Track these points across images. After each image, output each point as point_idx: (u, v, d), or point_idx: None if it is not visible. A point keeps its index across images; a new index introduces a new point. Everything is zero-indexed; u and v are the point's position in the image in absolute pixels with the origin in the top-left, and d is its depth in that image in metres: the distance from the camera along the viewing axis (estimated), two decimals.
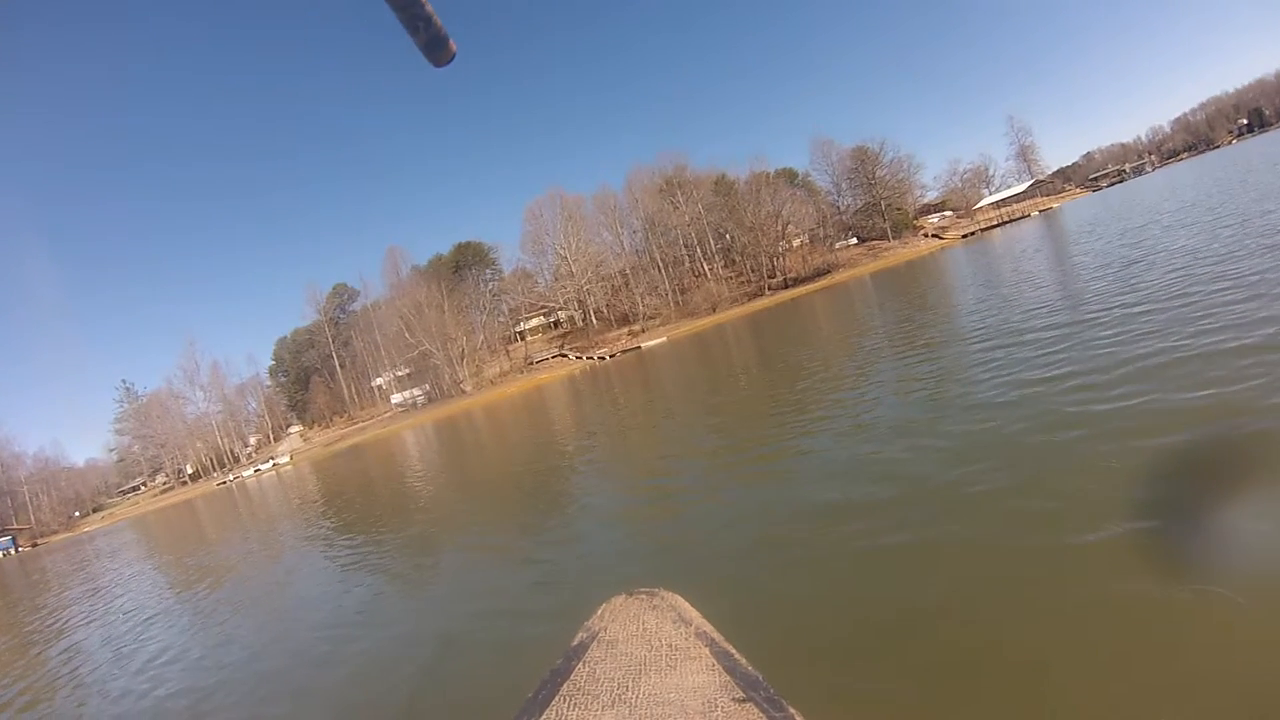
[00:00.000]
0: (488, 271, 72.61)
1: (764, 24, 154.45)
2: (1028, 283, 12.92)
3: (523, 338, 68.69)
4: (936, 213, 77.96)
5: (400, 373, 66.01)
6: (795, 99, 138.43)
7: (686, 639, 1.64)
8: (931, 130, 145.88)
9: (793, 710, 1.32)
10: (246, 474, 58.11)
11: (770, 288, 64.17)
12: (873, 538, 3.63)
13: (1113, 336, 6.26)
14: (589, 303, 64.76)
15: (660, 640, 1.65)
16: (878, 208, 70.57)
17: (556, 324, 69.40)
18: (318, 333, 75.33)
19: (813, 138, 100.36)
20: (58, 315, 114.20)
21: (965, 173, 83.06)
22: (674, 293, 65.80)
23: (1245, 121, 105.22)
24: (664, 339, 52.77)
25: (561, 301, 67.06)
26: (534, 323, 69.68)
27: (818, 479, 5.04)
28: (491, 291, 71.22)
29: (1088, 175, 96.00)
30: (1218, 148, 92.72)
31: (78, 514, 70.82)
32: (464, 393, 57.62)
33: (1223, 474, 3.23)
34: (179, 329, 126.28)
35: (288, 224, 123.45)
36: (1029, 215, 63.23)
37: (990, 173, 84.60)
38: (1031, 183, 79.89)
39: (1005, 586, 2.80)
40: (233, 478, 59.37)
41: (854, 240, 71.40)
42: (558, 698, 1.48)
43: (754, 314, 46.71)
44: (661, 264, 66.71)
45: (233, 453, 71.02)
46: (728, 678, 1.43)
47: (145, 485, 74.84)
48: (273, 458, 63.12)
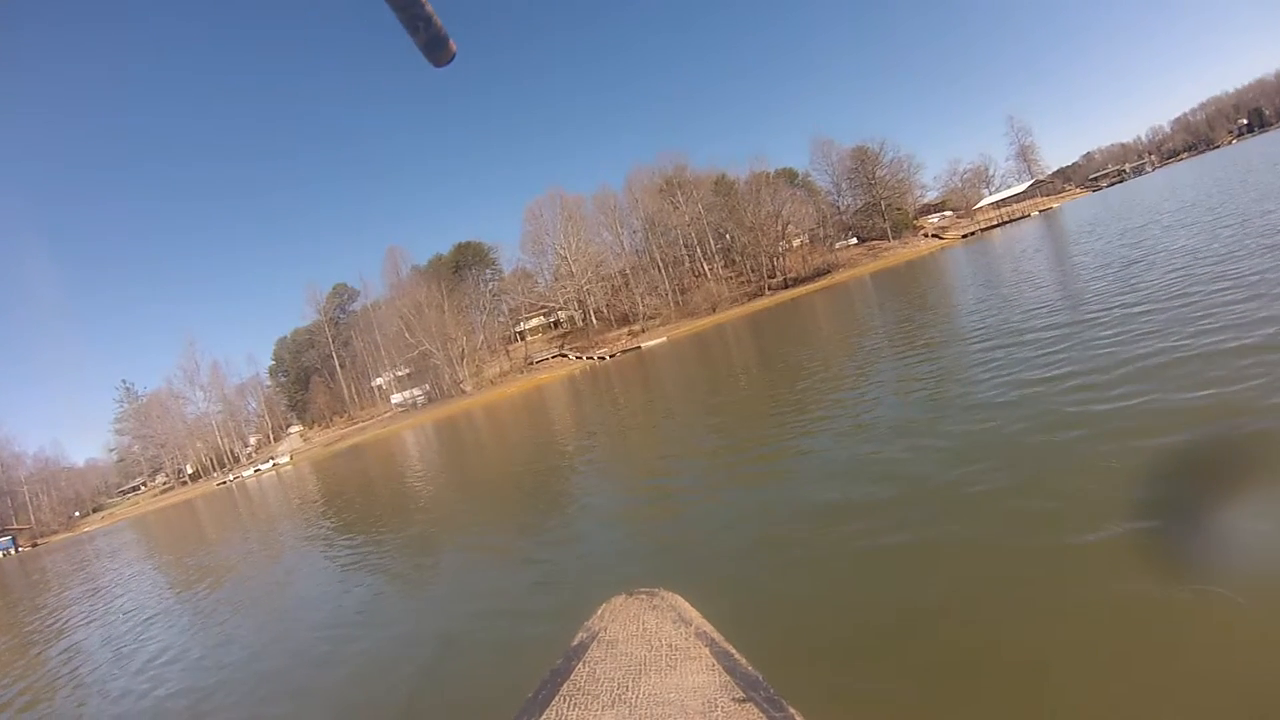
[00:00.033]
0: (488, 271, 72.65)
1: (764, 24, 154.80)
2: (1028, 283, 12.92)
3: (523, 338, 68.70)
4: (936, 213, 77.97)
5: (400, 373, 66.01)
6: (795, 99, 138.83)
7: (686, 639, 1.64)
8: (931, 130, 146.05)
9: (793, 710, 1.32)
10: (246, 474, 58.10)
11: (770, 288, 64.16)
12: (873, 538, 3.62)
13: (1113, 336, 6.26)
14: (589, 303, 64.76)
15: (660, 640, 1.65)
16: (878, 208, 70.57)
17: (556, 324, 69.41)
18: (318, 333, 75.34)
19: (813, 138, 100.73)
20: (58, 315, 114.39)
21: (965, 173, 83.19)
22: (674, 293, 65.80)
23: (1245, 121, 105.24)
24: (664, 339, 52.76)
25: (561, 301, 67.06)
26: (534, 323, 69.69)
27: (818, 479, 5.04)
28: (491, 291, 71.23)
29: (1088, 175, 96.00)
30: (1218, 148, 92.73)
31: (78, 514, 70.82)
32: (464, 393, 57.62)
33: (1223, 474, 3.23)
34: (179, 329, 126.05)
35: (288, 224, 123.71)
36: (1029, 215, 63.24)
37: (990, 173, 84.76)
38: (1031, 183, 79.88)
39: (1005, 586, 2.80)
40: (233, 478, 59.36)
41: (854, 240, 71.40)
42: (558, 698, 1.48)
43: (754, 314, 46.70)
44: (661, 264, 66.71)
45: (233, 453, 71.03)
46: (728, 678, 1.43)
47: (145, 485, 74.85)
48: (273, 458, 63.12)
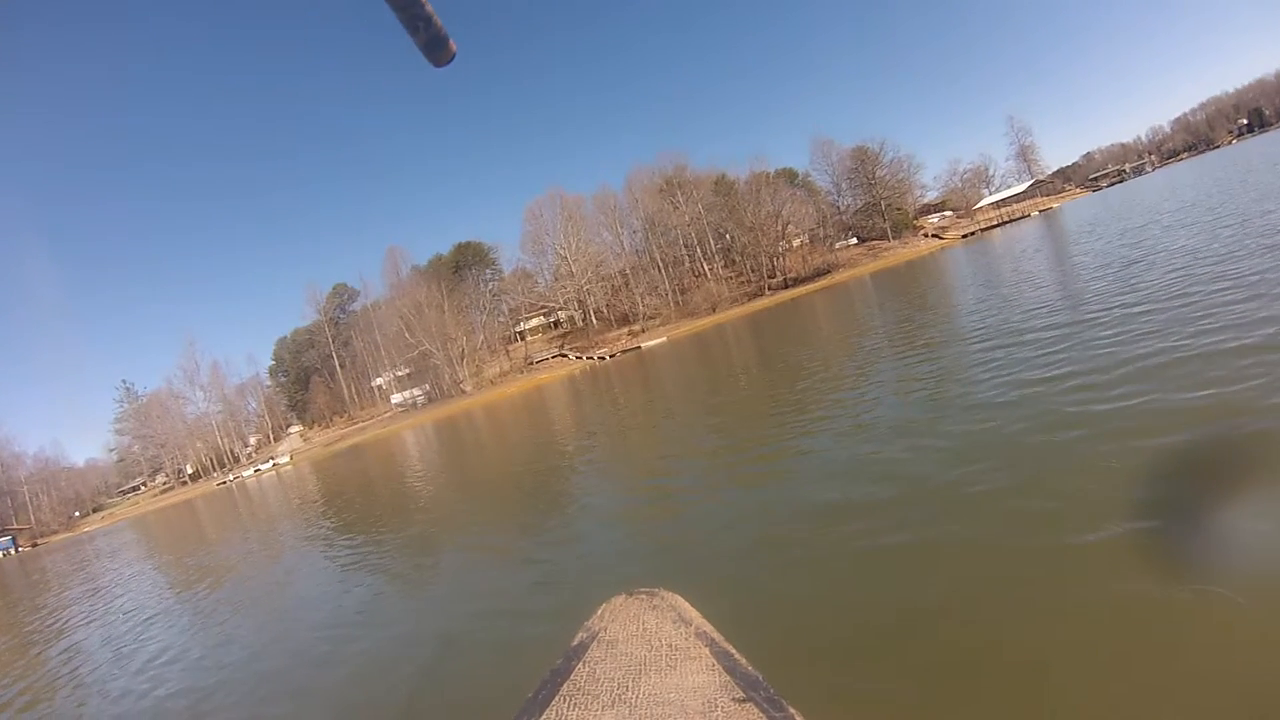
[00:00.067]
0: (488, 271, 72.64)
1: (764, 24, 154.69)
2: (1028, 283, 12.91)
3: (523, 338, 68.69)
4: (936, 213, 77.95)
5: (400, 373, 66.00)
6: (795, 99, 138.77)
7: (686, 639, 1.64)
8: (931, 130, 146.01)
9: (793, 710, 1.32)
10: (246, 474, 58.09)
11: (770, 288, 64.16)
12: (873, 538, 3.62)
13: (1113, 336, 6.26)
14: (589, 303, 64.75)
15: (660, 640, 1.65)
16: (878, 208, 70.56)
17: (556, 324, 69.40)
18: (318, 333, 75.34)
19: (813, 138, 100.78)
20: (58, 315, 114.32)
21: (965, 173, 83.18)
22: (674, 293, 65.79)
23: (1245, 121, 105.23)
24: (664, 339, 52.76)
25: (561, 301, 67.05)
26: (534, 323, 69.69)
27: (818, 479, 5.04)
28: (491, 291, 71.22)
29: (1088, 175, 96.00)
30: (1218, 148, 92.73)
31: (78, 514, 70.82)
32: (464, 393, 57.61)
33: (1223, 474, 3.23)
34: (179, 329, 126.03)
35: (288, 224, 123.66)
36: (1029, 215, 63.23)
37: (990, 173, 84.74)
38: (1031, 183, 79.87)
39: (1005, 586, 2.80)
40: (233, 478, 59.35)
41: (854, 240, 71.39)
42: (558, 698, 1.48)
43: (754, 314, 46.70)
44: (661, 264, 66.70)
45: (233, 453, 71.02)
46: (728, 678, 1.43)
47: (145, 485, 74.84)
48: (273, 458, 63.10)
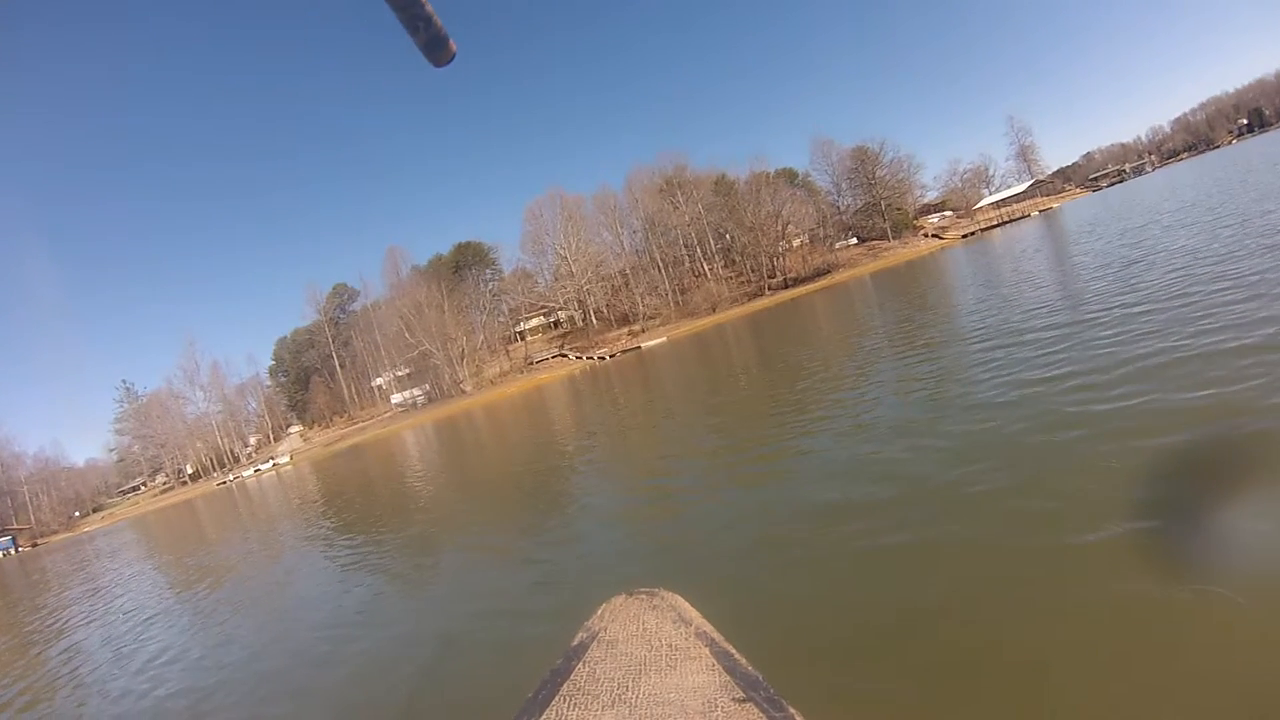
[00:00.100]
0: (488, 271, 72.63)
1: (764, 24, 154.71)
2: (1028, 283, 12.91)
3: (523, 338, 68.69)
4: (936, 213, 77.95)
5: (400, 373, 66.00)
6: (795, 99, 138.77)
7: (686, 639, 1.64)
8: (931, 130, 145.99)
9: (793, 710, 1.32)
10: (246, 474, 58.09)
11: (770, 288, 64.15)
12: (873, 538, 3.62)
13: (1113, 336, 6.26)
14: (589, 303, 64.75)
15: (660, 640, 1.65)
16: (878, 208, 70.55)
17: (556, 324, 69.39)
18: (318, 333, 75.33)
19: (813, 138, 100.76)
20: (58, 315, 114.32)
21: (965, 173, 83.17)
22: (674, 293, 65.79)
23: (1245, 121, 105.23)
24: (664, 339, 52.75)
25: (561, 301, 67.05)
26: (534, 323, 69.68)
27: (818, 479, 5.04)
28: (491, 291, 71.21)
29: (1088, 175, 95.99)
30: (1218, 148, 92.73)
31: (78, 514, 70.81)
32: (464, 393, 57.61)
33: (1223, 474, 3.23)
34: (179, 329, 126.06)
35: (288, 224, 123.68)
36: (1029, 215, 63.23)
37: (990, 173, 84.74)
38: (1031, 183, 79.86)
39: (1005, 586, 2.80)
40: (233, 478, 59.35)
41: (854, 240, 71.39)
42: (558, 698, 1.48)
43: (754, 314, 46.69)
44: (661, 264, 66.69)
45: (233, 453, 71.02)
46: (728, 678, 1.43)
47: (145, 485, 74.83)
48: (273, 458, 63.10)
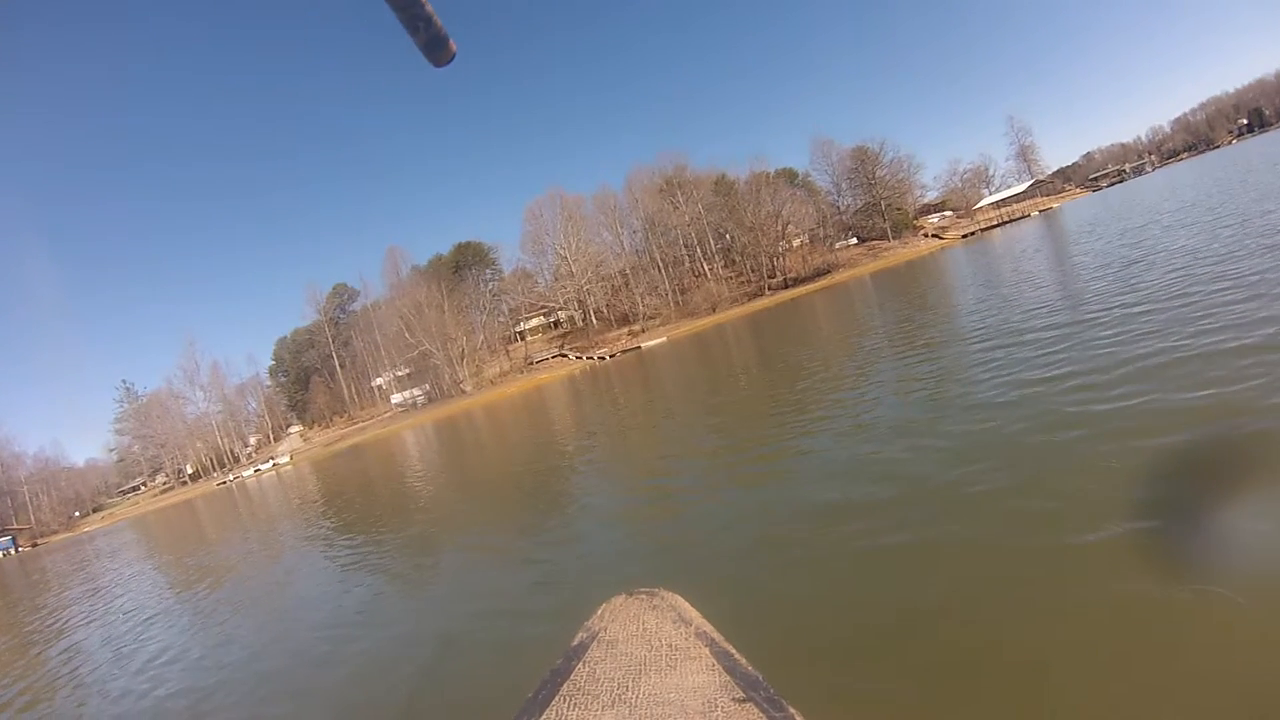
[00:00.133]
0: (488, 271, 72.62)
1: (764, 24, 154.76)
2: (1028, 283, 12.91)
3: (523, 338, 68.68)
4: (936, 213, 77.95)
5: (400, 373, 65.99)
6: (795, 99, 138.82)
7: (686, 639, 1.64)
8: (931, 130, 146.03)
9: (793, 710, 1.32)
10: (246, 474, 58.08)
11: (770, 288, 64.15)
12: (873, 538, 3.62)
13: (1113, 336, 6.26)
14: (589, 303, 64.74)
15: (660, 640, 1.65)
16: (878, 208, 70.56)
17: (556, 324, 69.38)
18: (318, 333, 75.32)
19: (813, 138, 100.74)
20: (58, 315, 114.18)
21: (965, 173, 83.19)
22: (674, 293, 65.78)
23: (1245, 121, 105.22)
24: (664, 339, 52.75)
25: (561, 301, 67.04)
26: (534, 323, 69.67)
27: (818, 479, 5.04)
28: (491, 291, 71.21)
29: (1088, 175, 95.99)
30: (1218, 148, 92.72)
31: (78, 514, 70.80)
32: (464, 393, 57.60)
33: (1223, 474, 3.23)
34: (179, 329, 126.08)
35: (288, 224, 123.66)
36: (1029, 215, 63.23)
37: (990, 173, 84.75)
38: (1031, 183, 79.85)
39: (1005, 586, 2.80)
40: (233, 478, 59.34)
41: (854, 240, 71.38)
42: (558, 698, 1.48)
43: (754, 314, 46.69)
44: (661, 264, 66.69)
45: (233, 453, 71.01)
46: (728, 678, 1.43)
47: (145, 485, 74.83)
48: (273, 458, 63.10)
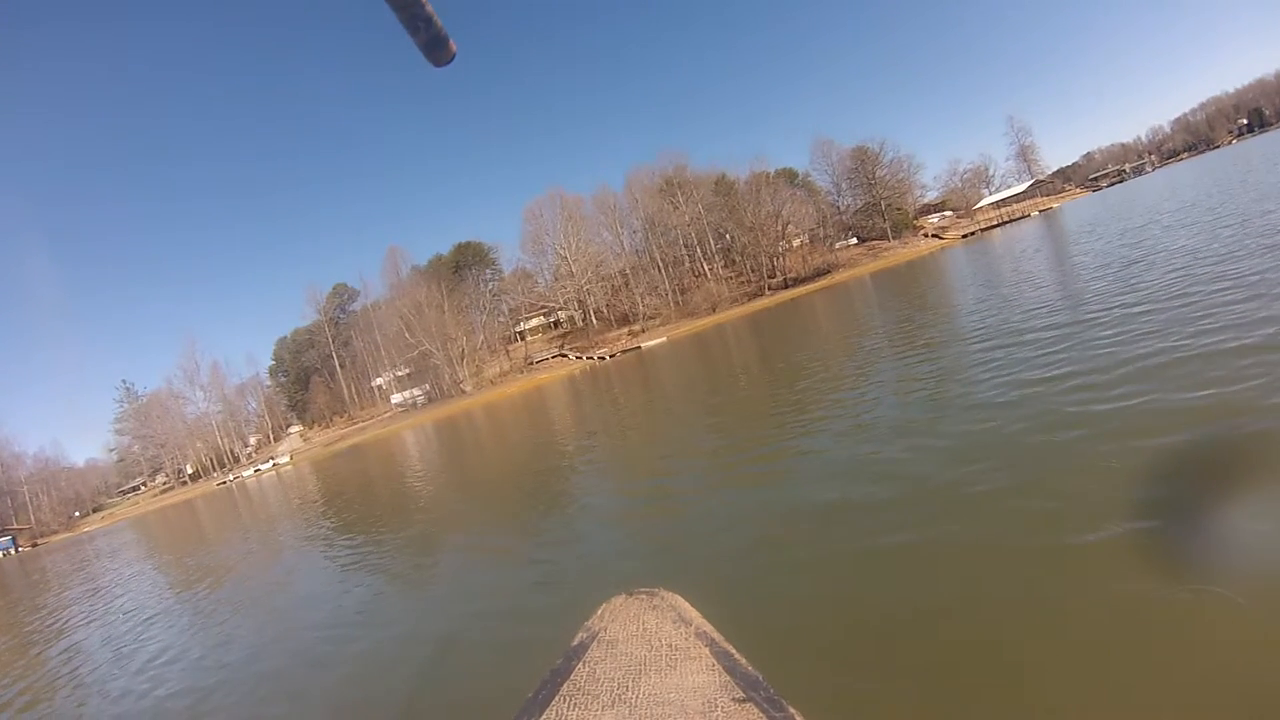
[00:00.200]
0: (488, 271, 72.60)
1: (764, 24, 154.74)
2: (1028, 283, 12.91)
3: (523, 338, 68.68)
4: (936, 213, 77.94)
5: (400, 373, 65.99)
6: (796, 99, 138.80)
7: (686, 639, 1.64)
8: (931, 130, 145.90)
9: (793, 710, 1.32)
10: (246, 474, 58.08)
11: (770, 288, 64.15)
12: (873, 538, 3.62)
13: (1113, 336, 6.26)
14: (589, 303, 64.73)
15: (660, 640, 1.65)
16: (878, 208, 70.55)
17: (556, 324, 69.38)
18: (318, 333, 75.31)
19: (813, 138, 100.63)
20: (58, 315, 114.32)
21: (965, 173, 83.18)
22: (674, 293, 65.77)
23: (1245, 121, 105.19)
24: (664, 339, 52.75)
25: (561, 301, 67.04)
26: (534, 323, 69.66)
27: (818, 479, 5.04)
28: (491, 291, 71.20)
29: (1088, 175, 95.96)
30: (1218, 148, 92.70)
31: (78, 514, 70.79)
32: (464, 393, 57.61)
33: (1223, 474, 3.23)
34: (179, 329, 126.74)
35: (288, 224, 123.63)
36: (1029, 215, 63.23)
37: (990, 173, 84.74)
38: (1031, 183, 79.86)
39: (1005, 586, 2.80)
40: (233, 478, 59.34)
41: (854, 240, 71.39)
42: (558, 698, 1.48)
43: (754, 314, 46.69)
44: (661, 264, 66.68)
45: (233, 453, 71.00)
46: (728, 678, 1.43)
47: (145, 485, 74.81)
48: (273, 458, 63.09)
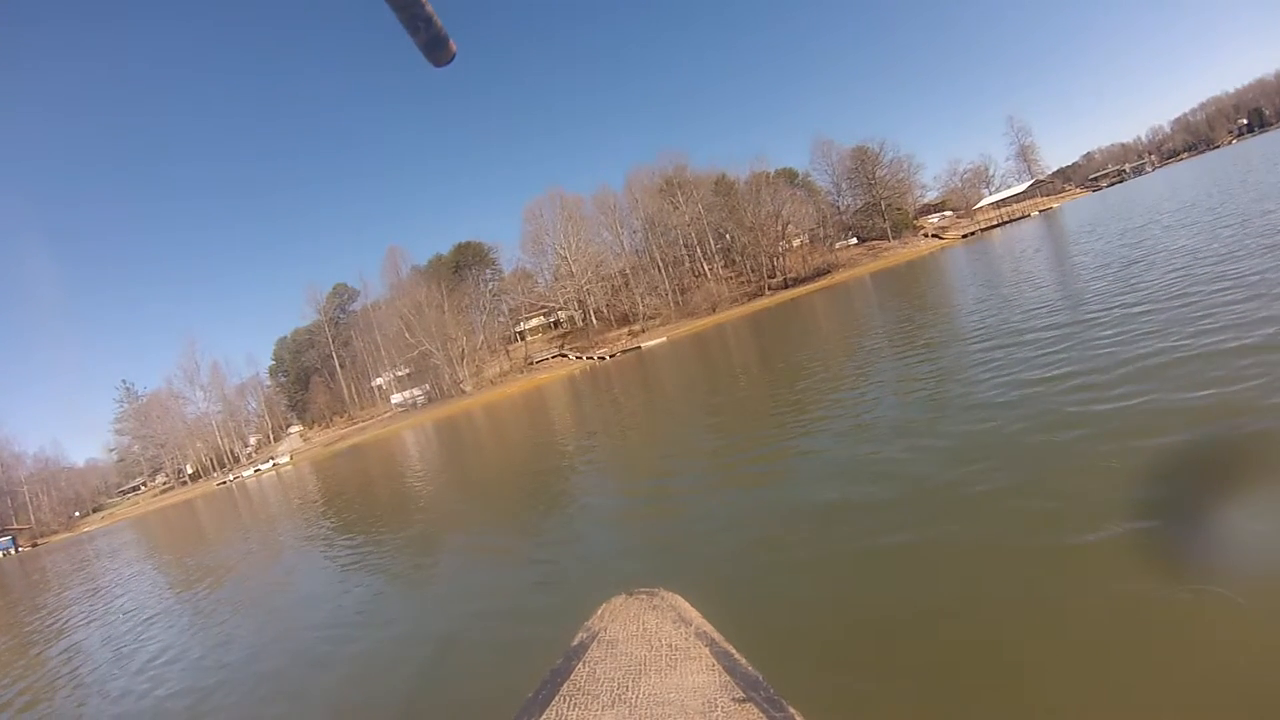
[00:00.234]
0: (488, 271, 72.61)
1: (764, 24, 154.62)
2: (1028, 283, 12.91)
3: (523, 338, 68.68)
4: (936, 213, 77.96)
5: (400, 373, 65.99)
6: (796, 99, 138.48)
7: (686, 639, 1.64)
8: (931, 130, 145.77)
9: (793, 710, 1.32)
10: (246, 474, 58.08)
11: (770, 288, 64.15)
12: (873, 538, 3.63)
13: (1113, 336, 6.26)
14: (589, 303, 64.73)
15: (660, 640, 1.65)
16: (878, 208, 70.56)
17: (556, 324, 69.38)
18: (318, 333, 75.30)
19: (813, 138, 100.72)
20: (58, 315, 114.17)
21: (965, 173, 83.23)
22: (674, 293, 65.77)
23: (1245, 121, 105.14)
24: (664, 339, 52.75)
25: (561, 301, 67.04)
26: (534, 323, 69.66)
27: (818, 479, 5.04)
28: (491, 291, 71.20)
29: (1088, 175, 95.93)
30: (1218, 148, 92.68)
31: (78, 514, 70.78)
32: (464, 393, 57.61)
33: (1223, 474, 3.22)
34: (179, 329, 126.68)
35: (288, 224, 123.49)
36: (1029, 215, 63.24)
37: (990, 173, 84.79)
38: (1031, 183, 79.87)
39: (1005, 586, 2.80)
40: (233, 478, 59.33)
41: (854, 240, 71.39)
42: (558, 698, 1.48)
43: (754, 314, 46.69)
44: (661, 264, 66.68)
45: (233, 453, 70.99)
46: (728, 678, 1.43)
47: (145, 485, 74.81)
48: (273, 458, 63.08)
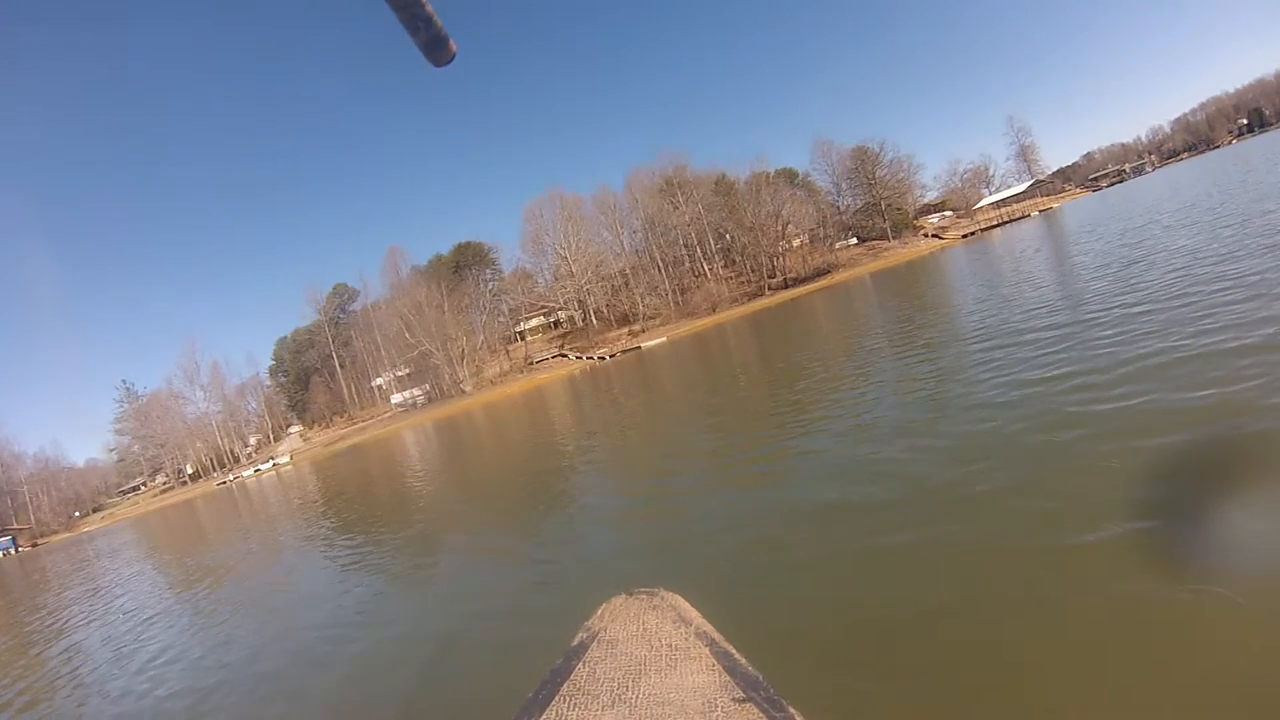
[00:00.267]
0: (488, 271, 72.60)
1: (764, 24, 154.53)
2: (1028, 283, 12.91)
3: (523, 338, 68.67)
4: (936, 213, 77.96)
5: (400, 373, 65.99)
6: (796, 99, 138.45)
7: (686, 639, 1.64)
8: (931, 130, 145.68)
9: (793, 710, 1.32)
10: (246, 474, 58.08)
11: (770, 288, 64.15)
12: (873, 538, 3.63)
13: (1113, 336, 6.26)
14: (589, 303, 64.73)
15: (660, 640, 1.65)
16: (878, 208, 70.56)
17: (556, 324, 69.38)
18: (318, 333, 75.30)
19: (813, 138, 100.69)
20: (58, 315, 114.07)
21: (965, 173, 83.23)
22: (674, 293, 65.77)
23: (1245, 121, 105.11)
24: (664, 339, 52.76)
25: (561, 301, 67.04)
26: (534, 323, 69.66)
27: (818, 479, 5.04)
28: (491, 291, 71.20)
29: (1088, 175, 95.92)
30: (1218, 148, 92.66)
31: (78, 514, 70.77)
32: (464, 393, 57.61)
33: (1223, 474, 3.22)
34: (179, 329, 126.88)
35: (288, 224, 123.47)
36: (1029, 215, 63.24)
37: (990, 173, 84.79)
38: (1031, 183, 79.87)
39: (1005, 586, 2.80)
40: (233, 478, 59.33)
41: (854, 240, 71.41)
42: (558, 698, 1.48)
43: (754, 314, 46.70)
44: (661, 264, 66.68)
45: (233, 453, 70.99)
46: (728, 678, 1.43)
47: (145, 485, 74.80)
48: (273, 458, 63.09)
